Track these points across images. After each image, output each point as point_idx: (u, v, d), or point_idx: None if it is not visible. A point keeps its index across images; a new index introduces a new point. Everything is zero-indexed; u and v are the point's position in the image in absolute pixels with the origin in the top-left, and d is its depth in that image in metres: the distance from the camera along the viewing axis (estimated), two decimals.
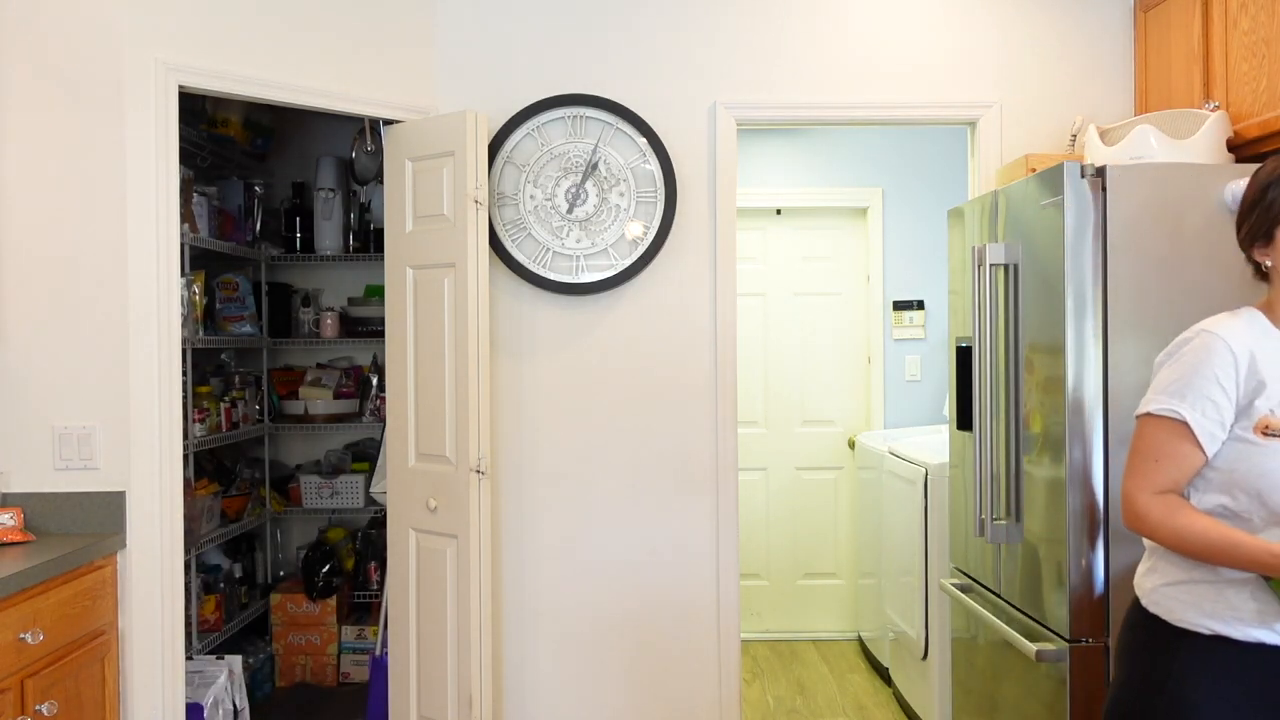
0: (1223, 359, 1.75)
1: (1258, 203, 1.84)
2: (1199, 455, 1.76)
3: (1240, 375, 1.74)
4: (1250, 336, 1.79)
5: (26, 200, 2.73)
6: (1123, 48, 3.53)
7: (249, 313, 4.35)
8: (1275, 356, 1.78)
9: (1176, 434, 1.76)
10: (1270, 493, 1.71)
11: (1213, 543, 1.70)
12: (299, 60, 3.13)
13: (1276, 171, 1.82)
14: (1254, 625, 1.71)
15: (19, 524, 2.62)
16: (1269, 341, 1.79)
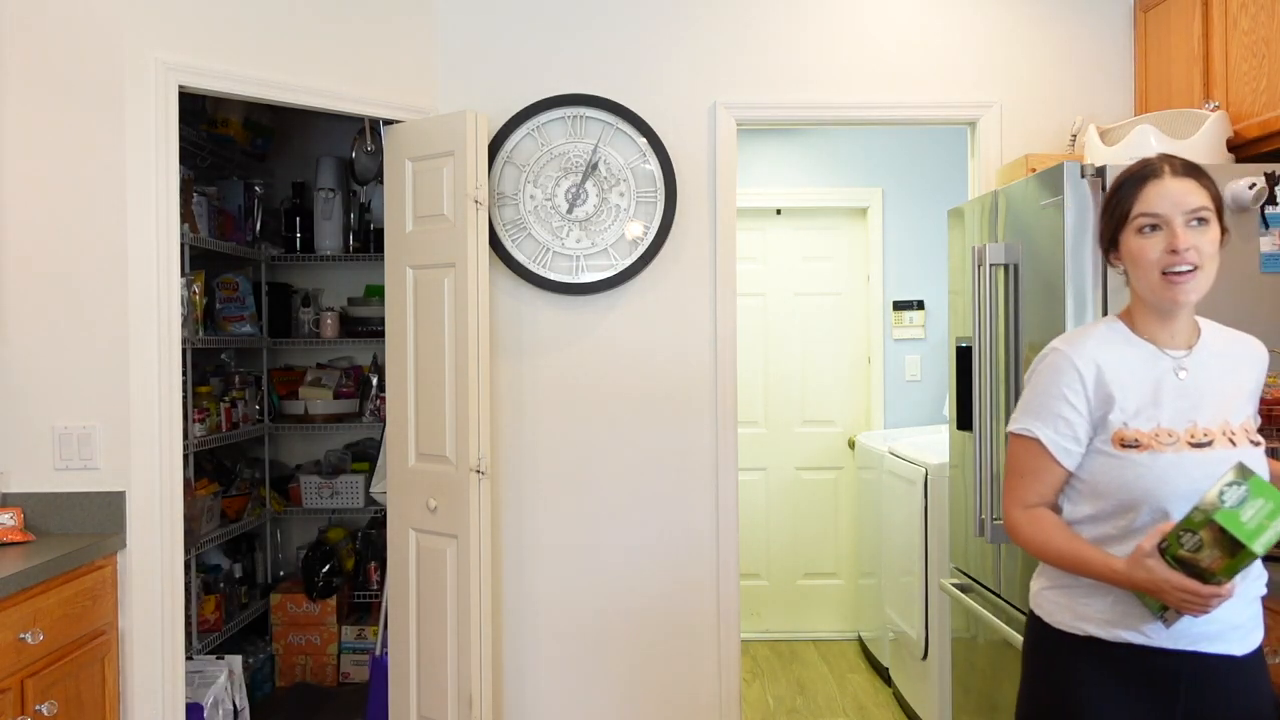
0: (1069, 377, 1.78)
1: (1108, 208, 1.81)
2: (1058, 469, 1.80)
3: (1088, 390, 1.77)
4: (1101, 350, 1.79)
5: (26, 200, 2.73)
6: (1123, 48, 3.53)
7: (249, 313, 4.35)
8: (1130, 366, 1.78)
9: (1033, 451, 1.82)
10: (1128, 502, 1.74)
11: (1064, 555, 1.77)
12: (299, 60, 3.13)
13: (1123, 177, 1.79)
14: (1120, 628, 1.75)
15: (19, 524, 2.62)
16: (1128, 350, 1.79)
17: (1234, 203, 2.57)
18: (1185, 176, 1.74)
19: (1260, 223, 2.59)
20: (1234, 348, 1.82)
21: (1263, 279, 2.59)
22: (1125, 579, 1.68)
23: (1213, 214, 1.73)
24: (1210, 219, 1.73)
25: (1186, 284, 1.71)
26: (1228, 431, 1.73)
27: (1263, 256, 2.59)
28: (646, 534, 3.54)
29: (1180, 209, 1.71)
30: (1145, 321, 1.79)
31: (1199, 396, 1.74)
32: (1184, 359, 1.77)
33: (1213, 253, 1.73)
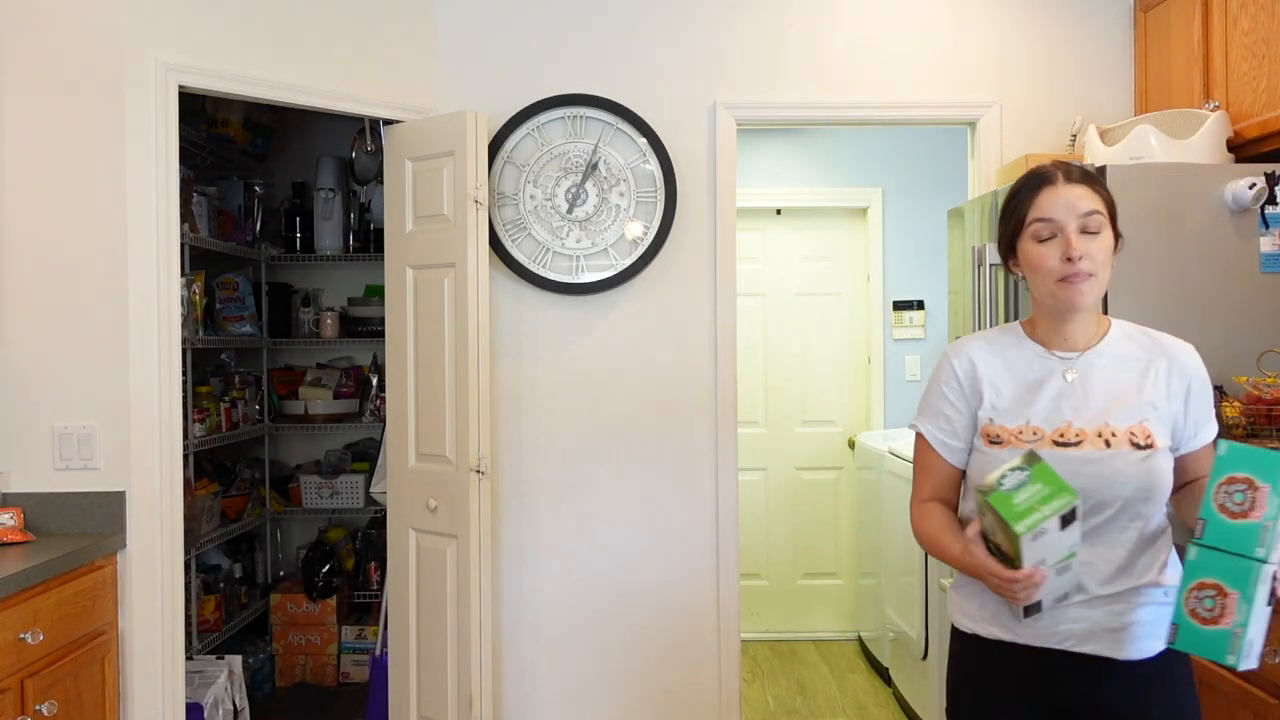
0: (947, 375, 1.87)
1: (1005, 215, 1.83)
2: (943, 464, 1.86)
3: (964, 389, 1.84)
4: (982, 349, 1.86)
5: (27, 200, 2.73)
6: (1123, 48, 3.53)
7: (249, 313, 4.35)
8: (1009, 365, 1.83)
9: (923, 447, 1.89)
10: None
11: (935, 547, 1.83)
12: (299, 60, 3.13)
13: (1019, 184, 1.81)
14: (991, 624, 1.81)
15: (19, 524, 2.62)
16: (1013, 351, 1.84)
17: (1234, 203, 2.57)
18: (1078, 183, 1.76)
19: (1260, 223, 2.59)
20: (1147, 352, 1.79)
21: (1263, 279, 2.59)
22: (965, 566, 1.73)
23: (1106, 220, 1.75)
24: (1104, 226, 1.75)
25: (1080, 289, 1.73)
26: (1105, 433, 1.72)
27: (1263, 256, 2.59)
28: (647, 534, 3.54)
29: (1073, 214, 1.73)
30: (1040, 324, 1.82)
31: (1084, 398, 1.75)
32: (1075, 361, 1.78)
33: (1106, 259, 1.75)
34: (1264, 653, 1.57)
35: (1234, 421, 2.46)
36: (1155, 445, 1.72)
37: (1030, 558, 1.59)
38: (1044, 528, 1.57)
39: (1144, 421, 1.73)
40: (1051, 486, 1.58)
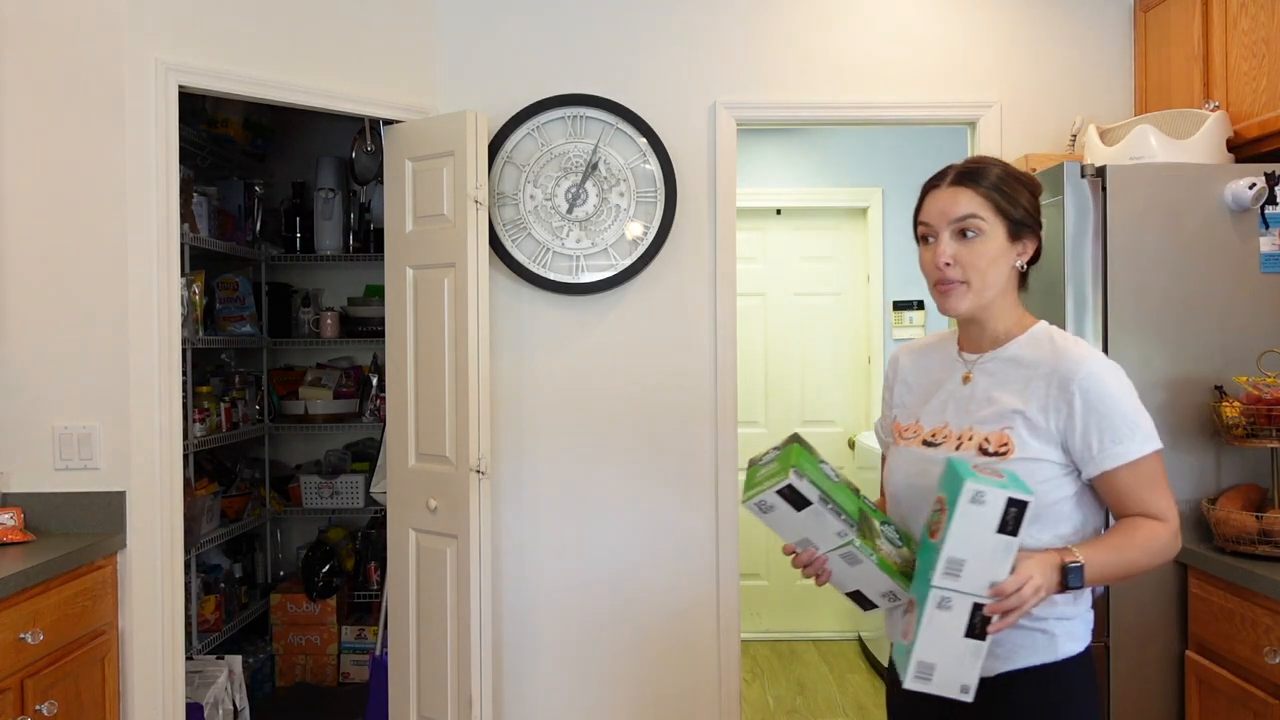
0: (885, 374, 1.95)
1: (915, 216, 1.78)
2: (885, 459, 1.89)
3: (890, 388, 1.91)
4: (912, 350, 1.90)
5: (27, 200, 2.73)
6: (1123, 48, 3.53)
7: (249, 313, 4.35)
8: (926, 366, 1.84)
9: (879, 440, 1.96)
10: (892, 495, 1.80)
11: None
12: (299, 60, 3.13)
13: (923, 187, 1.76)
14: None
15: (19, 524, 2.62)
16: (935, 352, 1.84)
17: (1234, 203, 2.57)
18: (960, 185, 1.69)
19: (1260, 223, 2.59)
20: (1042, 362, 1.67)
21: (1263, 279, 2.59)
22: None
23: (995, 224, 1.67)
24: (985, 230, 1.67)
25: (951, 295, 1.69)
26: (964, 437, 1.68)
27: (1263, 256, 2.59)
28: (647, 534, 3.54)
29: (946, 219, 1.68)
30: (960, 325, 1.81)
31: (967, 400, 1.72)
32: (974, 364, 1.75)
33: (985, 265, 1.67)
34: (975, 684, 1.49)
35: (1234, 421, 2.46)
36: (1007, 454, 1.63)
37: (788, 535, 1.63)
38: (769, 503, 1.59)
39: (1006, 429, 1.65)
40: (781, 465, 1.61)
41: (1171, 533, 1.64)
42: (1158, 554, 1.64)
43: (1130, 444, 1.62)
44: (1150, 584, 2.56)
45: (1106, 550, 1.61)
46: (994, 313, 1.72)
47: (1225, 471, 2.58)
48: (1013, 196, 1.69)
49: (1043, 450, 1.63)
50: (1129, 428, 1.61)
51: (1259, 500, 2.49)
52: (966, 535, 1.47)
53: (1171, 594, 2.56)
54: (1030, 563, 1.52)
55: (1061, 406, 1.63)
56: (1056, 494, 1.64)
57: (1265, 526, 2.36)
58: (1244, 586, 2.30)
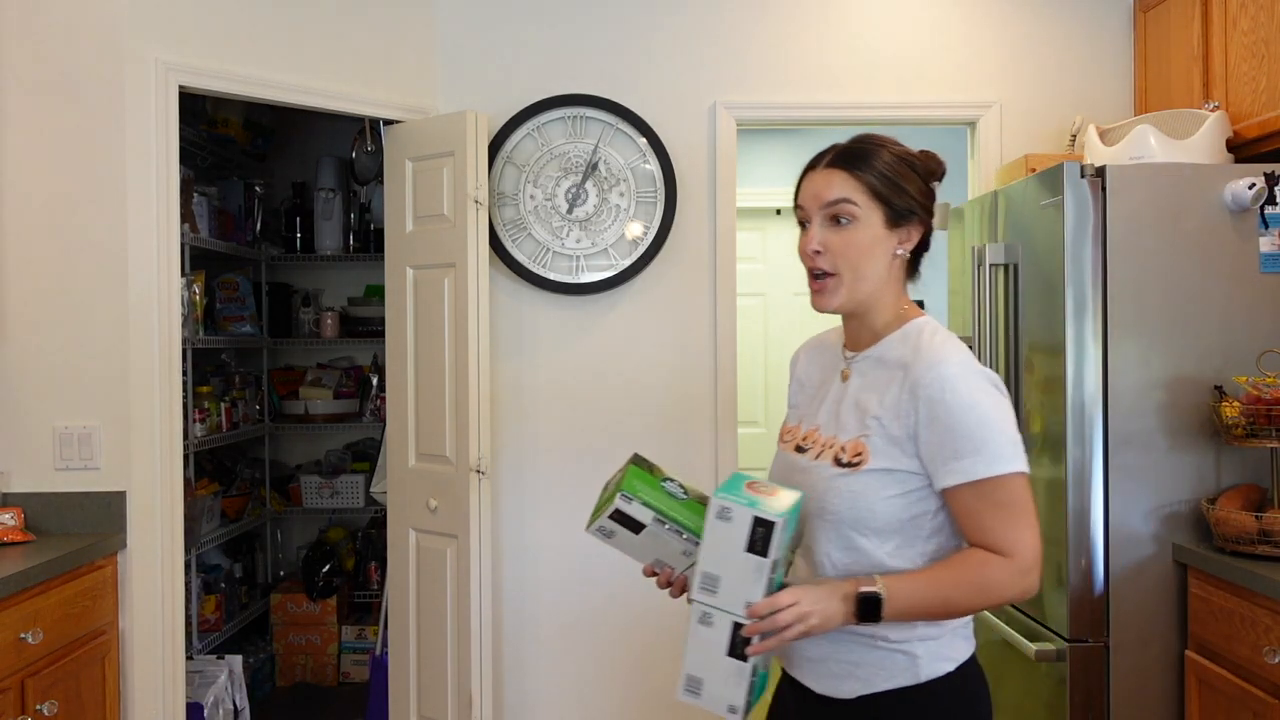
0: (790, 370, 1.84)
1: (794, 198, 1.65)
2: None
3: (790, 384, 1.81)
4: (810, 347, 1.81)
5: (27, 200, 2.73)
6: (1123, 48, 3.53)
7: (249, 313, 4.35)
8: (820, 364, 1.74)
9: None
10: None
11: None
12: (299, 60, 3.13)
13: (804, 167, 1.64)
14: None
15: (19, 524, 2.62)
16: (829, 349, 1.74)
17: (1234, 203, 2.57)
18: (835, 168, 1.55)
19: (1260, 223, 2.59)
20: (901, 363, 1.53)
21: (1263, 279, 2.59)
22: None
23: (866, 210, 1.53)
24: (858, 216, 1.53)
25: (823, 291, 1.57)
26: (826, 443, 1.57)
27: (1262, 256, 2.59)
28: None
29: (818, 203, 1.55)
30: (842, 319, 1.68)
31: (838, 402, 1.60)
32: (852, 362, 1.62)
33: (856, 255, 1.53)
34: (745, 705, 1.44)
35: (1234, 421, 2.46)
36: (861, 465, 1.50)
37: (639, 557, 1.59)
38: (607, 528, 1.53)
39: (862, 437, 1.52)
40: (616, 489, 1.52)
41: (1013, 571, 1.44)
42: (989, 593, 1.46)
43: (971, 461, 1.44)
44: (1150, 584, 2.56)
45: (921, 583, 1.46)
46: (872, 306, 1.58)
47: (1225, 471, 2.58)
48: (895, 182, 1.55)
49: (900, 460, 1.49)
50: (974, 443, 1.44)
51: (1259, 500, 2.49)
52: (717, 551, 1.41)
53: (1171, 594, 2.56)
54: (808, 588, 1.44)
55: (911, 413, 1.48)
56: (916, 509, 1.50)
57: (1265, 526, 2.36)
58: (1244, 586, 2.30)
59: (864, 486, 1.50)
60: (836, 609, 1.43)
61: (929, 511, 1.51)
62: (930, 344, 1.52)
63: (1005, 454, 1.45)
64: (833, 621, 1.43)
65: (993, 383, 1.50)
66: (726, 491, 1.43)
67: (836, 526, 1.51)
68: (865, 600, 1.43)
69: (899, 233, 1.56)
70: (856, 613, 1.43)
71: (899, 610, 1.44)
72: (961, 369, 1.47)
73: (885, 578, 1.45)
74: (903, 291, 1.61)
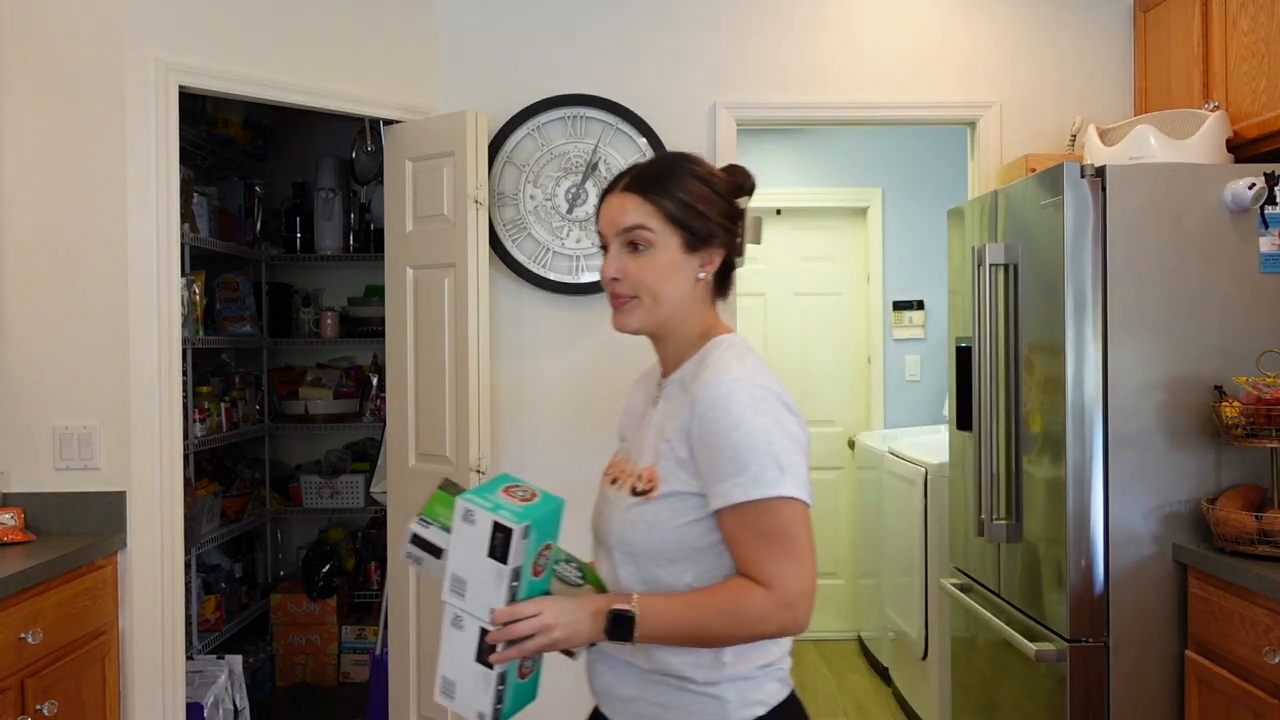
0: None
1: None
2: None
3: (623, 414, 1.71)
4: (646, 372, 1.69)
5: (27, 200, 2.73)
6: (1122, 48, 3.53)
7: (249, 313, 4.35)
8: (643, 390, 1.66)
9: None
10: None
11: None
12: (299, 60, 3.13)
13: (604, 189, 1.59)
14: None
15: (19, 524, 2.62)
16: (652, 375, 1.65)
17: (1234, 203, 2.57)
18: (631, 192, 1.50)
19: (1260, 223, 2.59)
20: (692, 389, 1.45)
21: (1263, 279, 2.59)
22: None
23: (662, 236, 1.48)
24: (654, 242, 1.47)
25: (622, 311, 1.51)
26: (629, 474, 1.51)
27: (1262, 256, 2.59)
28: None
29: (613, 229, 1.50)
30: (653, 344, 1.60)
31: (647, 430, 1.53)
32: (663, 388, 1.56)
33: (654, 281, 1.47)
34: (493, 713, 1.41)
35: (1234, 422, 2.46)
36: (653, 493, 1.45)
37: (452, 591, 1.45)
38: (414, 554, 1.48)
39: (655, 464, 1.46)
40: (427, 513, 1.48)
41: (773, 604, 1.37)
42: (744, 625, 1.38)
43: (732, 484, 1.38)
44: (1150, 584, 2.56)
45: (678, 606, 1.40)
46: (675, 329, 1.52)
47: (1225, 471, 2.58)
48: (693, 206, 1.49)
49: (688, 484, 1.43)
50: (736, 465, 1.37)
51: (1259, 500, 2.49)
52: (463, 554, 1.38)
53: (1171, 594, 2.56)
54: (556, 599, 1.39)
55: (691, 433, 1.42)
56: (708, 538, 1.43)
57: (1265, 526, 2.36)
58: (1243, 586, 2.30)
59: (656, 515, 1.44)
60: (585, 624, 1.39)
61: (721, 540, 1.43)
62: (716, 361, 1.46)
63: (768, 478, 1.36)
64: (580, 636, 1.40)
65: (778, 400, 1.42)
66: (477, 493, 1.39)
67: (634, 558, 1.47)
68: (617, 618, 1.38)
69: (699, 256, 1.50)
70: (607, 630, 1.38)
71: (652, 632, 1.39)
72: (735, 386, 1.40)
73: (643, 597, 1.40)
74: (710, 312, 1.55)
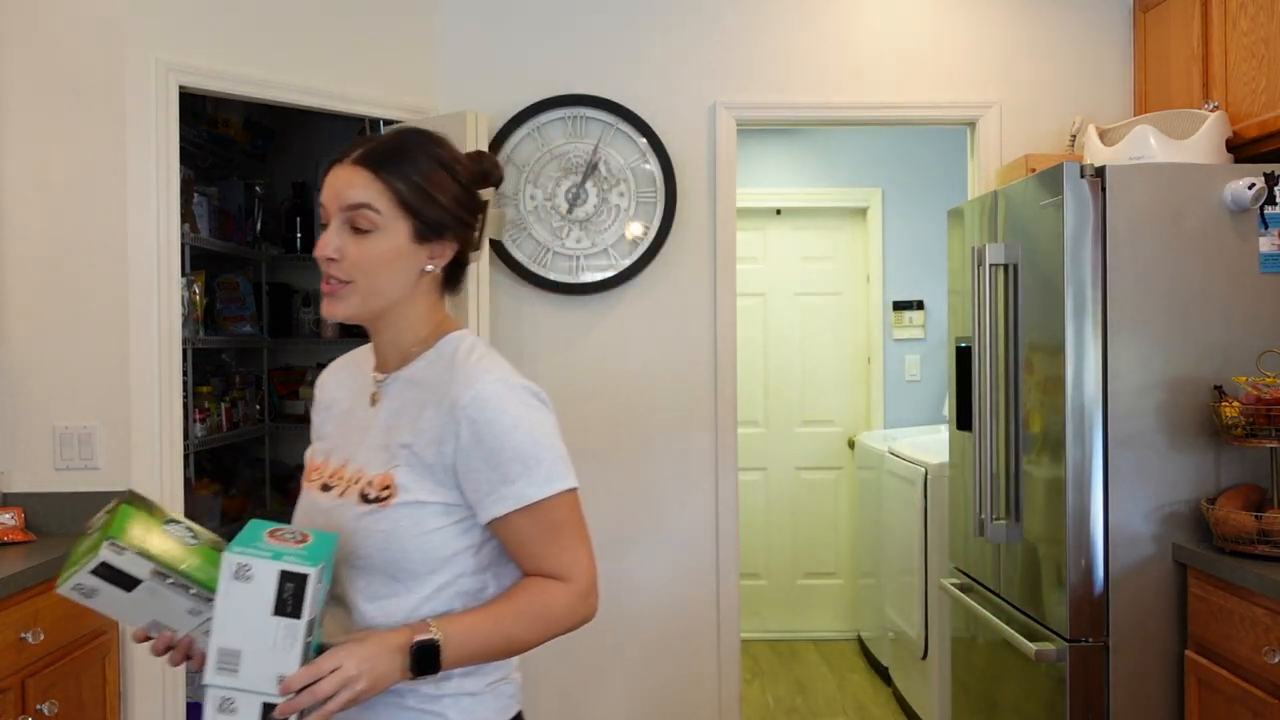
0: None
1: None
2: None
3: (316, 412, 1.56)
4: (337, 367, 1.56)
5: (27, 200, 2.74)
6: (1122, 48, 3.53)
7: (249, 313, 4.35)
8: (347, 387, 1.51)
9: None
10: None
11: None
12: (299, 60, 3.13)
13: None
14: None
15: (19, 524, 2.62)
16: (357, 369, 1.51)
17: (1234, 203, 2.57)
18: (362, 166, 1.41)
19: (1259, 223, 2.59)
20: (439, 383, 1.36)
21: (1263, 279, 2.59)
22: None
23: (389, 220, 1.36)
24: (380, 225, 1.36)
25: (334, 296, 1.37)
26: (353, 479, 1.38)
27: (1262, 256, 2.59)
28: (646, 533, 3.54)
29: (337, 204, 1.39)
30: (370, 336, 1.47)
31: (368, 431, 1.41)
32: (382, 385, 1.43)
33: (374, 267, 1.35)
34: None
35: (1234, 421, 2.46)
36: (390, 500, 1.33)
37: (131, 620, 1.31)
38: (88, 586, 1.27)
39: (392, 469, 1.34)
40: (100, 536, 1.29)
41: (574, 595, 1.38)
42: (551, 623, 1.38)
43: (525, 484, 1.33)
44: (1150, 584, 2.56)
45: (480, 622, 1.32)
46: (396, 322, 1.41)
47: (1225, 471, 2.58)
48: (427, 191, 1.38)
49: (434, 492, 1.33)
50: (524, 464, 1.33)
51: (1258, 500, 2.49)
52: (237, 619, 1.19)
53: (1171, 594, 2.56)
54: (352, 647, 1.23)
55: (450, 438, 1.32)
56: (456, 544, 1.34)
57: (1264, 526, 2.36)
58: (1243, 586, 2.30)
59: (394, 524, 1.32)
60: (389, 666, 1.24)
61: (473, 546, 1.36)
62: (467, 361, 1.37)
63: (557, 471, 1.37)
64: (386, 680, 1.24)
65: (537, 397, 1.39)
66: (244, 545, 1.21)
67: (368, 573, 1.33)
68: (421, 650, 1.25)
69: (429, 247, 1.39)
70: (412, 666, 1.25)
71: (459, 655, 1.29)
72: (501, 385, 1.34)
73: (441, 621, 1.29)
74: (438, 306, 1.44)
